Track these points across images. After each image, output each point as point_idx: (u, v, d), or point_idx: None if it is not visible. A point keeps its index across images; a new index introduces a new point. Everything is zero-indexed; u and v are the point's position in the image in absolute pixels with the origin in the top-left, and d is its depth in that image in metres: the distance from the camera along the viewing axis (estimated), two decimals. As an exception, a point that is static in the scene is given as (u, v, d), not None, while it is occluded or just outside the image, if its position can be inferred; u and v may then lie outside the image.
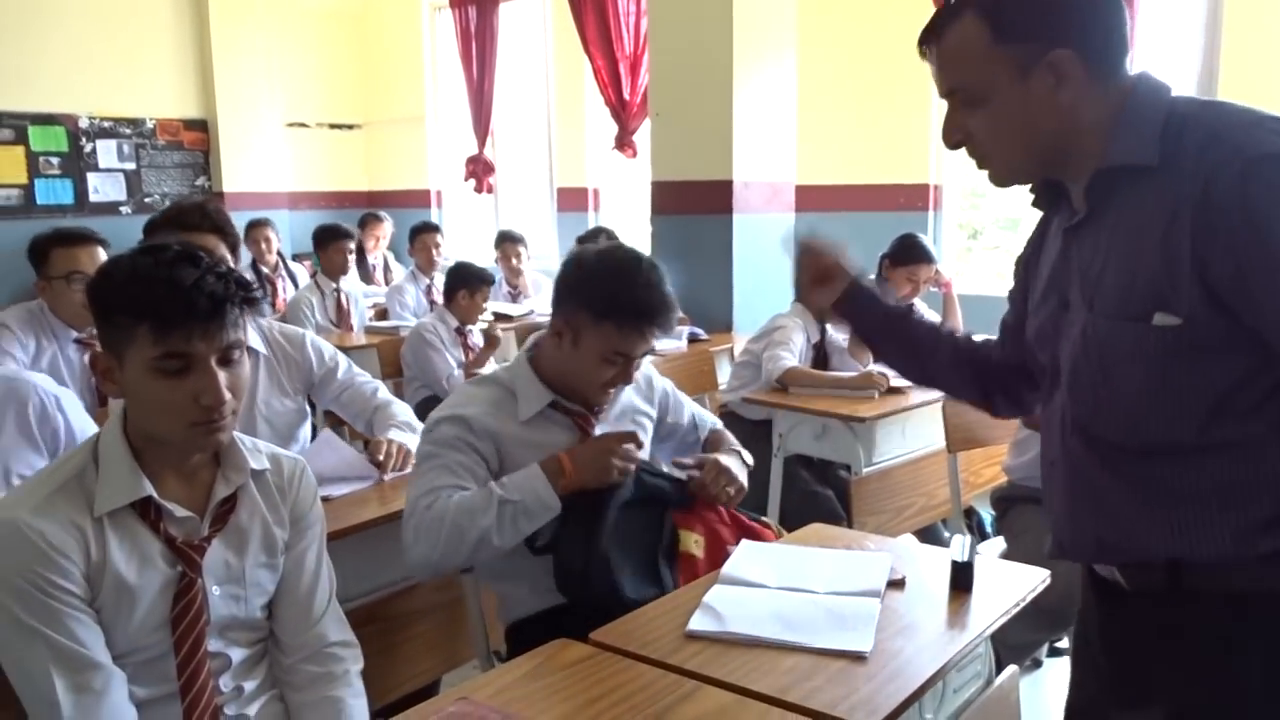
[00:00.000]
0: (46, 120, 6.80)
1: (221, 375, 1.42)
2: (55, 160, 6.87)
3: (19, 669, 1.37)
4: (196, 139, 7.63)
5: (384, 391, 2.74)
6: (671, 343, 4.51)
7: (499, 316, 5.75)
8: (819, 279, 1.71)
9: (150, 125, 7.36)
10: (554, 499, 1.85)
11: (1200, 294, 1.17)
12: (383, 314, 5.86)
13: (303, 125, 8.32)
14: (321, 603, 1.64)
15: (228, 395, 1.43)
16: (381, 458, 2.42)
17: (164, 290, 1.37)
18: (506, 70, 7.64)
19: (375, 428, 2.63)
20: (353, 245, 5.62)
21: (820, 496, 3.63)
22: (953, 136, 1.33)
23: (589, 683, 1.40)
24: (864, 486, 3.11)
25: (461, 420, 1.95)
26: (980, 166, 1.35)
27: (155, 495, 1.45)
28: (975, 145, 1.32)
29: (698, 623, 1.57)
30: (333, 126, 8.55)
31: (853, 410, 3.39)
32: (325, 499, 2.25)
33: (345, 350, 2.91)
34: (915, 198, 5.98)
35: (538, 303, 5.95)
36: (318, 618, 1.62)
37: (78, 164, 6.99)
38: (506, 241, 6.09)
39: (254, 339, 2.55)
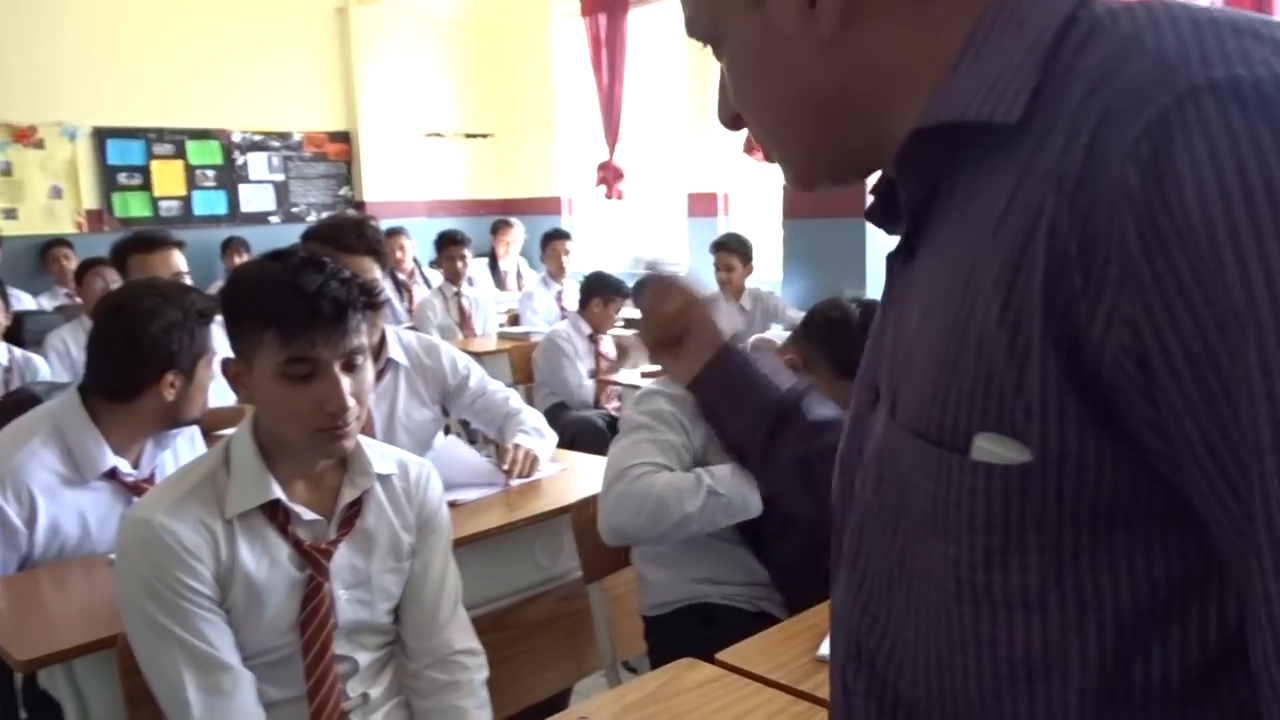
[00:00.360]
0: (202, 135, 7.15)
1: (345, 381, 1.43)
2: (210, 173, 7.22)
3: (153, 667, 1.41)
4: (340, 150, 7.91)
5: (516, 399, 2.75)
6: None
7: (630, 323, 5.75)
8: (669, 339, 1.08)
9: (297, 138, 7.66)
10: (758, 503, 1.89)
11: (1068, 396, 0.54)
12: (515, 320, 5.96)
13: (439, 135, 8.53)
14: (447, 609, 1.63)
15: (351, 401, 1.43)
16: (508, 465, 2.42)
17: (289, 295, 1.39)
18: (636, 76, 7.66)
19: (505, 434, 2.65)
20: (466, 251, 5.75)
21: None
22: (724, 110, 0.76)
23: (714, 708, 1.34)
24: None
25: (683, 401, 1.97)
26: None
27: (284, 498, 1.47)
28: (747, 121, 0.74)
29: (830, 646, 1.49)
30: (468, 136, 8.74)
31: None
32: (452, 504, 2.27)
33: (474, 355, 2.96)
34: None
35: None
36: (443, 623, 1.62)
37: (231, 176, 7.33)
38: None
39: (395, 351, 2.61)
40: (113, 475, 1.97)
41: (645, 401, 2.02)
